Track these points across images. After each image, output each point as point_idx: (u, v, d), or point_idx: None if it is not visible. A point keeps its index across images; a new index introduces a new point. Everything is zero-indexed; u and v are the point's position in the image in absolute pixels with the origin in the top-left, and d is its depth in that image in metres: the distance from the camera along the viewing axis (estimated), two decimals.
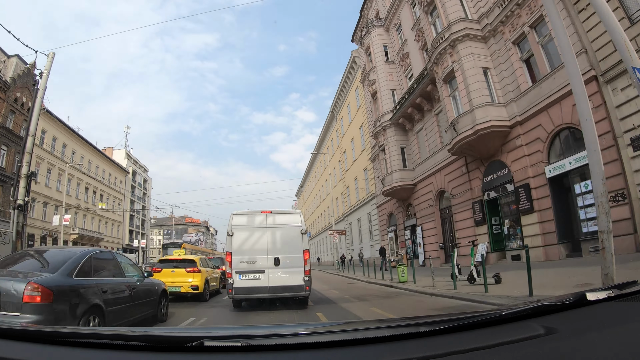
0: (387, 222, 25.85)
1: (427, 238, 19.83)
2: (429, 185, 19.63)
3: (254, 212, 8.00)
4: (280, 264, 7.46)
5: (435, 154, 18.96)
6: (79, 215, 40.45)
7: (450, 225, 18.30)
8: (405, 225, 22.70)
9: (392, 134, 22.19)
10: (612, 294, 1.19)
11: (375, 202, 27.65)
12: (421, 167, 20.51)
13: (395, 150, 21.88)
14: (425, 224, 20.04)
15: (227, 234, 7.67)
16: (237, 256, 7.46)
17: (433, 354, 0.94)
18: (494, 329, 1.11)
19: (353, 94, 33.45)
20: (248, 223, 7.78)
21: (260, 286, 7.31)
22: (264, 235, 7.64)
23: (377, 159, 26.16)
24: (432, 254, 18.54)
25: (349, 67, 33.23)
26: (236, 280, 7.35)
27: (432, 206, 19.41)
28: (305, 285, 7.42)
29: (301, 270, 7.48)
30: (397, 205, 23.60)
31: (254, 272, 7.38)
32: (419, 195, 20.78)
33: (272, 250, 7.55)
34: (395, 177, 21.35)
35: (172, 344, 1.12)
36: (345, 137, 37.04)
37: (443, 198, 19.06)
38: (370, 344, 1.05)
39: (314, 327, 1.85)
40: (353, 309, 7.73)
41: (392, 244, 25.06)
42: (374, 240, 28.80)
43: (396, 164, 21.64)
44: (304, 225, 7.86)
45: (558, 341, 0.96)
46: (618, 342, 0.91)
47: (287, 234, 7.71)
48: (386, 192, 22.27)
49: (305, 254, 7.59)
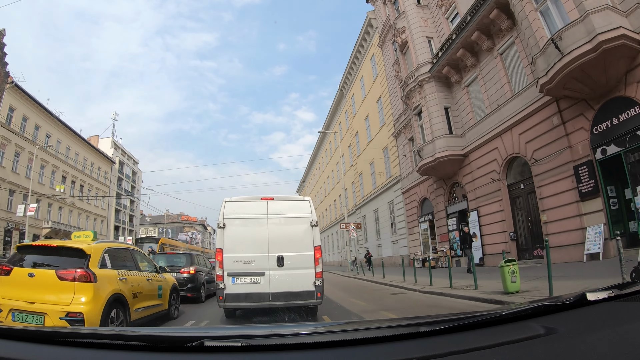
0: (419, 211, 20.42)
1: (487, 227, 14.41)
2: (492, 153, 14.21)
3: (252, 198, 6.51)
4: (284, 264, 5.99)
5: (500, 108, 13.64)
6: (54, 207, 35.45)
7: (527, 205, 12.92)
8: (449, 211, 17.27)
9: (432, 90, 16.79)
10: (612, 294, 1.18)
11: (401, 186, 22.33)
12: (476, 131, 15.13)
13: (437, 111, 16.48)
14: (483, 207, 14.59)
15: (218, 226, 6.17)
16: (230, 254, 5.98)
17: (433, 354, 0.94)
18: (494, 329, 1.11)
19: (368, 64, 28.56)
20: (244, 212, 6.26)
21: (258, 292, 5.87)
22: (264, 228, 6.14)
23: (404, 132, 21.06)
24: (497, 247, 13.15)
25: (362, 34, 28.81)
26: (228, 285, 5.89)
27: (496, 181, 13.96)
28: (316, 291, 5.96)
29: (311, 271, 6.01)
30: (435, 187, 18.14)
31: (251, 274, 5.94)
32: (473, 168, 15.32)
33: (274, 247, 6.04)
34: (439, 146, 15.90)
35: (172, 344, 1.12)
36: (358, 117, 32.00)
37: (512, 169, 13.61)
38: (371, 344, 1.05)
39: (314, 327, 1.83)
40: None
41: (426, 237, 19.53)
42: (397, 234, 23.34)
43: (439, 128, 16.24)
44: (314, 215, 6.31)
45: (558, 341, 0.95)
46: (618, 342, 0.91)
47: (294, 226, 6.29)
48: (425, 168, 16.79)
49: (317, 251, 6.11)
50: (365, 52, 29.14)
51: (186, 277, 9.14)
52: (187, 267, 9.39)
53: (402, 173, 22.30)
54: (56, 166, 35.73)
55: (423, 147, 16.62)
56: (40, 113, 33.30)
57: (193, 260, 9.89)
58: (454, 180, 16.96)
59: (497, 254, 13.88)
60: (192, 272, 9.29)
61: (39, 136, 33.04)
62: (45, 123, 34.05)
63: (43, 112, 33.62)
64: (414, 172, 20.48)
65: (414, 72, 17.63)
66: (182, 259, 9.93)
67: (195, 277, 9.31)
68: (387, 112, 24.40)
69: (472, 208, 15.37)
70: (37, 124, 32.90)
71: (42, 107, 33.20)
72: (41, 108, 33.09)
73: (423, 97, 17.05)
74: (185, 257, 9.96)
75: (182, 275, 9.12)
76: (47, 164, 34.23)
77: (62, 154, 36.68)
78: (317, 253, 6.13)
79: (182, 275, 9.11)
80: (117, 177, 49.47)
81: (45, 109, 33.69)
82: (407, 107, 19.29)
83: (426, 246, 19.82)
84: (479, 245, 14.73)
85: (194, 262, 9.84)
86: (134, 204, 55.78)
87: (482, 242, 14.68)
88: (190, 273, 9.28)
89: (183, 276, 9.09)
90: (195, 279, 9.27)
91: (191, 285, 9.12)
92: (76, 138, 39.55)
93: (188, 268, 9.35)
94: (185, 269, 9.32)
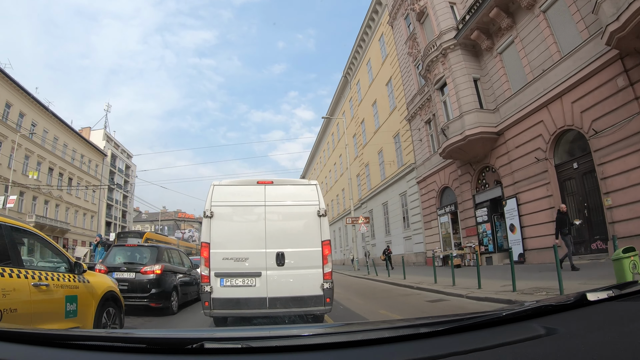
0: (438, 202, 18.13)
1: (529, 217, 12.10)
2: (535, 128, 11.96)
3: (246, 181, 5.50)
4: (285, 263, 4.98)
5: (545, 74, 11.44)
6: (39, 201, 33.37)
7: (582, 188, 10.69)
8: (477, 200, 14.98)
9: (458, 59, 14.50)
10: (612, 294, 1.18)
11: (415, 175, 20.05)
12: (513, 103, 12.87)
13: (465, 82, 14.20)
14: (524, 194, 12.31)
15: (204, 215, 5.10)
16: (218, 250, 4.96)
17: (434, 355, 0.93)
18: (494, 330, 1.10)
19: (376, 45, 26.46)
20: (237, 199, 5.24)
21: (253, 297, 4.87)
22: (261, 218, 5.12)
23: (420, 114, 18.97)
24: (542, 241, 10.91)
25: (370, 14, 27.12)
26: (216, 288, 4.88)
27: (541, 161, 11.63)
28: (324, 295, 4.96)
29: (318, 272, 5.01)
30: (459, 173, 15.82)
31: (244, 274, 4.94)
32: (509, 147, 13.02)
33: (273, 242, 5.03)
34: (470, 122, 13.57)
35: (172, 346, 1.11)
36: (364, 103, 29.84)
37: (560, 146, 11.33)
38: (371, 345, 1.04)
39: (314, 328, 1.80)
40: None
41: (447, 232, 17.21)
42: (411, 229, 21.04)
43: (469, 102, 13.95)
44: (322, 202, 5.27)
45: (559, 341, 0.95)
46: (619, 342, 0.90)
47: (297, 216, 5.26)
48: (450, 150, 14.46)
49: (325, 247, 5.08)
50: (373, 33, 26.96)
51: (149, 279, 6.72)
52: (151, 264, 6.93)
53: (417, 160, 20.02)
54: (42, 157, 33.67)
55: (449, 125, 14.26)
56: (27, 100, 31.68)
57: (161, 255, 7.32)
58: (484, 164, 14.65)
59: (542, 248, 11.62)
60: (157, 272, 6.78)
61: (24, 124, 30.90)
62: (30, 111, 32.21)
63: (29, 100, 31.93)
64: (432, 158, 18.24)
65: (435, 41, 15.32)
66: (146, 253, 7.35)
67: (163, 279, 6.90)
68: (399, 94, 22.19)
69: (509, 195, 13.05)
70: (22, 112, 30.80)
71: (27, 94, 31.21)
72: (27, 95, 31.11)
73: (447, 68, 14.70)
74: (150, 252, 7.36)
75: (142, 276, 6.72)
76: (32, 154, 32.21)
77: (50, 144, 34.48)
78: (326, 249, 5.10)
79: (143, 277, 6.71)
80: (109, 170, 47.06)
81: (31, 96, 31.82)
82: (427, 81, 16.96)
83: (446, 242, 17.50)
84: (519, 239, 12.43)
85: (162, 258, 7.30)
86: (127, 199, 53.37)
87: (523, 235, 12.40)
88: (155, 273, 6.77)
89: (144, 278, 6.70)
90: (162, 281, 6.86)
91: (156, 290, 6.69)
92: (65, 128, 37.45)
93: (152, 266, 6.88)
94: (149, 267, 6.87)
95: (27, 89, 30.96)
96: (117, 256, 7.09)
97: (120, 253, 7.45)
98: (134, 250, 7.79)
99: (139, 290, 6.58)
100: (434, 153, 18.17)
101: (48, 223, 32.88)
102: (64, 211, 37.00)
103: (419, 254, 19.78)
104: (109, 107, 49.94)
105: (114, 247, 7.55)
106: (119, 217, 50.18)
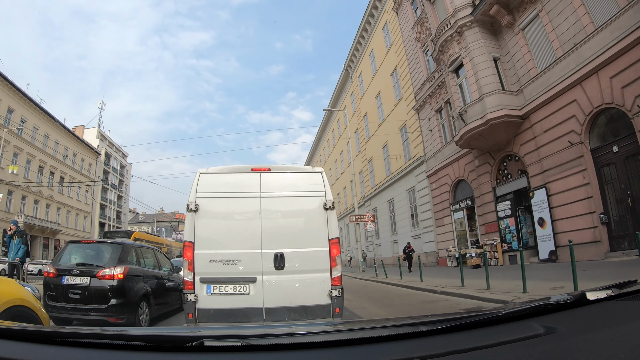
0: (451, 196, 16.80)
1: (561, 209, 10.80)
2: (567, 108, 10.70)
3: (238, 168, 4.54)
4: (285, 266, 4.13)
5: (577, 48, 10.31)
6: (28, 200, 31.98)
7: (625, 175, 9.60)
8: (499, 193, 13.60)
9: (475, 37, 13.23)
10: (612, 294, 1.18)
11: (425, 169, 18.73)
12: (540, 83, 11.63)
13: (485, 61, 12.92)
14: (555, 183, 11.00)
15: (187, 209, 4.23)
16: (205, 250, 4.13)
17: (433, 353, 0.93)
18: (493, 329, 1.10)
19: (379, 34, 25.41)
20: (227, 189, 4.35)
21: (247, 308, 4.06)
22: (257, 212, 4.26)
23: (430, 102, 17.82)
24: (578, 235, 9.59)
25: (373, 1, 26.00)
26: (202, 297, 4.05)
27: (576, 145, 10.31)
28: (333, 305, 4.11)
29: (325, 276, 4.15)
30: (477, 164, 14.52)
31: (235, 280, 4.10)
32: (537, 132, 11.72)
33: (270, 240, 4.19)
34: (492, 104, 12.25)
35: (172, 344, 1.10)
36: (367, 96, 28.73)
37: (596, 127, 10.07)
38: (370, 343, 1.03)
39: (314, 326, 1.73)
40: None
41: (462, 229, 15.88)
42: (420, 227, 19.72)
43: (489, 82, 12.64)
44: (329, 193, 4.37)
45: (558, 341, 0.94)
46: (618, 341, 0.90)
47: (299, 209, 4.38)
48: (469, 136, 13.16)
49: (334, 246, 4.21)
50: (376, 22, 25.81)
51: (108, 285, 5.21)
52: (111, 267, 5.38)
53: (427, 153, 18.72)
54: (32, 154, 32.31)
55: (467, 109, 12.93)
56: (16, 95, 30.57)
57: (125, 254, 5.77)
58: (506, 153, 13.31)
59: (578, 244, 10.18)
60: (118, 277, 5.27)
61: (13, 120, 29.58)
62: (20, 107, 30.97)
63: (19, 95, 31.01)
64: (444, 149, 16.95)
65: (449, 19, 14.01)
66: (106, 252, 5.76)
67: (127, 285, 5.41)
68: (406, 83, 20.98)
69: (537, 185, 11.72)
70: (11, 107, 29.45)
71: (17, 90, 29.86)
72: (16, 90, 29.80)
73: (464, 47, 13.40)
74: (111, 250, 5.74)
75: (99, 282, 5.20)
76: (22, 152, 30.99)
77: (40, 141, 33.13)
78: (335, 249, 4.31)
79: (100, 283, 5.21)
80: (103, 169, 45.64)
81: (21, 91, 30.56)
82: (439, 64, 15.70)
83: (461, 240, 16.16)
84: (549, 234, 11.12)
85: (126, 258, 5.74)
86: (122, 199, 51.91)
87: (554, 230, 11.06)
88: (117, 278, 5.25)
89: (101, 284, 5.21)
90: (126, 288, 5.37)
91: (117, 300, 5.18)
92: (56, 125, 36.37)
93: (112, 269, 5.33)
94: (108, 270, 5.31)
95: (16, 84, 29.76)
96: (74, 255, 5.60)
97: (77, 251, 5.88)
98: (92, 248, 6.13)
99: (95, 300, 5.13)
100: (447, 143, 16.89)
101: (38, 224, 31.69)
102: (55, 211, 35.70)
103: (430, 253, 18.44)
104: (103, 105, 48.80)
105: (70, 244, 6.03)
106: (113, 218, 48.72)
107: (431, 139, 18.32)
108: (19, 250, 8.95)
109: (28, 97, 31.54)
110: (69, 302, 5.12)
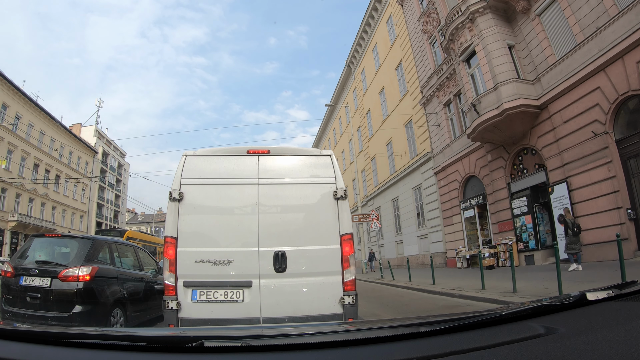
0: (461, 194, 16.03)
1: (584, 204, 10.03)
2: (590, 96, 9.99)
3: (231, 150, 3.88)
4: (287, 268, 3.41)
5: (599, 32, 9.61)
6: (23, 199, 31.19)
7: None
8: (513, 189, 12.84)
9: (489, 24, 12.48)
10: (612, 294, 1.17)
11: (432, 165, 17.95)
12: (559, 70, 10.91)
13: (499, 49, 12.19)
14: (577, 177, 10.25)
15: (170, 198, 3.54)
16: (190, 248, 3.45)
17: (433, 354, 0.92)
18: (494, 329, 1.09)
19: (383, 28, 24.70)
20: (217, 174, 3.63)
21: (241, 318, 3.33)
22: (253, 203, 3.56)
23: (437, 96, 17.09)
24: (603, 233, 8.86)
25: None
26: (186, 304, 3.37)
27: (599, 135, 9.58)
28: (345, 315, 3.42)
29: (336, 280, 3.47)
30: (490, 158, 13.76)
31: (227, 285, 3.41)
32: (556, 123, 10.97)
33: (269, 236, 3.48)
34: (507, 93, 11.48)
35: (172, 345, 1.10)
36: (370, 92, 27.95)
37: (621, 117, 9.35)
38: (371, 344, 1.03)
39: (314, 327, 1.74)
40: None
41: (473, 228, 15.12)
42: (427, 226, 18.92)
43: (504, 70, 11.88)
44: (340, 180, 3.67)
45: (558, 341, 0.94)
46: (618, 342, 0.89)
47: (304, 199, 3.63)
48: (482, 128, 12.37)
49: (346, 243, 3.51)
50: (380, 15, 25.09)
51: (72, 288, 4.40)
52: (76, 265, 4.54)
53: (435, 149, 17.93)
54: (27, 152, 31.50)
55: (480, 99, 12.15)
56: (10, 91, 29.67)
57: (95, 251, 4.90)
58: (521, 146, 12.53)
59: (604, 242, 9.51)
60: (85, 278, 4.43)
61: (8, 116, 28.83)
62: (15, 103, 30.20)
63: (14, 91, 30.13)
64: (453, 145, 16.19)
65: (460, 6, 13.28)
66: (72, 249, 4.90)
67: (96, 288, 4.59)
68: (411, 77, 20.22)
69: (557, 180, 10.95)
70: (5, 103, 28.74)
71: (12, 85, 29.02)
72: (11, 86, 28.95)
73: (476, 34, 12.66)
74: (78, 247, 4.86)
75: (62, 284, 4.39)
76: (16, 149, 30.21)
77: (35, 139, 32.41)
78: (347, 246, 3.55)
79: (63, 286, 4.40)
80: (100, 168, 44.87)
81: (16, 87, 29.74)
82: (449, 54, 14.91)
83: (472, 240, 15.39)
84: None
85: (96, 256, 4.87)
86: (120, 198, 51.11)
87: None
88: (82, 280, 4.42)
89: (63, 287, 4.40)
90: (94, 292, 4.56)
91: (82, 307, 4.37)
92: (52, 123, 35.53)
93: (77, 269, 4.49)
94: (72, 270, 4.48)
95: (10, 79, 29.01)
96: (38, 252, 4.81)
97: (42, 247, 5.04)
98: (58, 243, 5.20)
99: (56, 306, 4.33)
100: (456, 138, 16.14)
101: (32, 222, 30.92)
102: (50, 210, 34.93)
103: (438, 254, 17.64)
104: (101, 103, 47.84)
105: (34, 238, 5.20)
106: (110, 218, 47.92)
107: (439, 134, 17.56)
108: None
109: (24, 93, 30.86)
110: (27, 308, 4.35)
